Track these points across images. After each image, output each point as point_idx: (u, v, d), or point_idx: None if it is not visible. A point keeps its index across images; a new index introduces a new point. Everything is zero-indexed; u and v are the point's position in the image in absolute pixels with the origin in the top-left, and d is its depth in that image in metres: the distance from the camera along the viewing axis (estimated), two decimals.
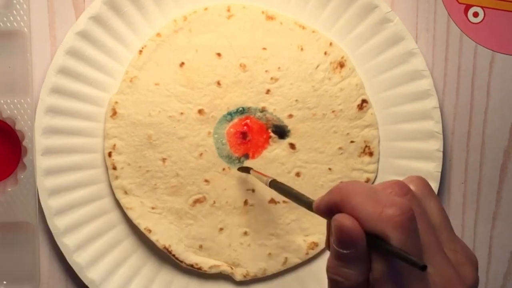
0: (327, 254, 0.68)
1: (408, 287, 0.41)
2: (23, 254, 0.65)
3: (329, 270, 0.44)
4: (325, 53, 0.66)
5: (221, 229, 0.66)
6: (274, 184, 0.58)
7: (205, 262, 0.66)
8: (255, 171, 0.63)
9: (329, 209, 0.43)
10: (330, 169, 0.66)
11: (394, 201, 0.41)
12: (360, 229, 0.41)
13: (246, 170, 0.64)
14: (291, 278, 0.68)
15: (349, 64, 0.66)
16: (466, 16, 0.67)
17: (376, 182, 0.67)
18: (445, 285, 0.42)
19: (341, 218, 0.42)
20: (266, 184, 0.59)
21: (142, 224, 0.65)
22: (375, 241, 0.41)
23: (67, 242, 0.65)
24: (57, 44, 0.65)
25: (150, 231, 0.65)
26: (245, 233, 0.66)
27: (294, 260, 0.67)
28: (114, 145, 0.65)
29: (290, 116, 0.66)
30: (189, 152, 0.65)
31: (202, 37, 0.65)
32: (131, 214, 0.65)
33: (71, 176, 0.65)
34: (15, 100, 0.63)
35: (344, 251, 0.42)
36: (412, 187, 0.44)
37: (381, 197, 0.42)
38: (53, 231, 0.65)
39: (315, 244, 0.67)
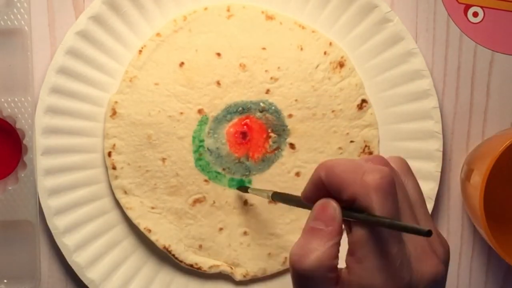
0: None
1: (386, 251, 0.42)
2: (23, 253, 0.65)
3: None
4: (325, 53, 0.66)
5: (221, 229, 0.66)
6: (277, 196, 0.58)
7: (204, 262, 0.66)
8: (253, 189, 0.64)
9: (315, 186, 0.45)
10: None
11: (375, 167, 0.43)
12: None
13: (245, 189, 0.65)
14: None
15: (349, 64, 0.66)
16: (466, 16, 0.68)
17: None
18: (420, 254, 0.43)
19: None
20: (268, 198, 0.59)
21: (142, 224, 0.65)
22: (361, 215, 0.42)
23: (66, 242, 0.65)
24: (57, 44, 0.65)
25: (149, 231, 0.65)
26: (245, 233, 0.66)
27: None
28: (114, 145, 0.65)
29: (290, 116, 0.66)
30: (189, 152, 0.65)
31: (202, 37, 0.65)
32: (130, 214, 0.65)
33: (71, 176, 0.65)
34: (16, 99, 0.64)
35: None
36: (392, 164, 0.46)
37: (363, 165, 0.43)
38: (52, 231, 0.65)
39: None
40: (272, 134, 0.66)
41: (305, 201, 0.46)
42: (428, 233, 0.38)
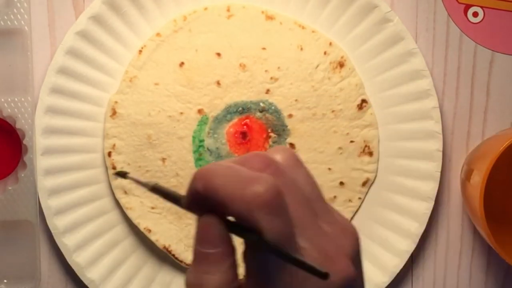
0: None
1: (266, 270, 0.37)
2: (23, 252, 0.65)
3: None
4: (325, 53, 0.66)
5: None
6: (157, 189, 0.44)
7: None
8: (132, 177, 0.49)
9: (194, 200, 0.38)
10: (329, 169, 0.66)
11: (256, 177, 0.36)
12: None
13: (122, 175, 0.50)
14: None
15: (349, 64, 0.66)
16: (466, 16, 0.68)
17: (376, 182, 0.67)
18: (323, 258, 0.38)
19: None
20: (148, 190, 0.45)
21: (142, 224, 0.65)
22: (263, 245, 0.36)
23: (66, 242, 0.65)
24: (57, 44, 0.65)
25: (149, 231, 0.65)
26: None
27: None
28: (114, 145, 0.65)
29: (290, 116, 0.66)
30: (189, 152, 0.65)
31: (202, 37, 0.65)
32: (130, 214, 0.65)
33: (71, 176, 0.65)
34: (16, 99, 0.64)
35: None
36: (277, 158, 0.39)
37: (243, 174, 0.37)
38: (52, 231, 0.65)
39: None
40: (272, 134, 0.66)
41: (191, 212, 0.39)
42: (325, 276, 0.34)
